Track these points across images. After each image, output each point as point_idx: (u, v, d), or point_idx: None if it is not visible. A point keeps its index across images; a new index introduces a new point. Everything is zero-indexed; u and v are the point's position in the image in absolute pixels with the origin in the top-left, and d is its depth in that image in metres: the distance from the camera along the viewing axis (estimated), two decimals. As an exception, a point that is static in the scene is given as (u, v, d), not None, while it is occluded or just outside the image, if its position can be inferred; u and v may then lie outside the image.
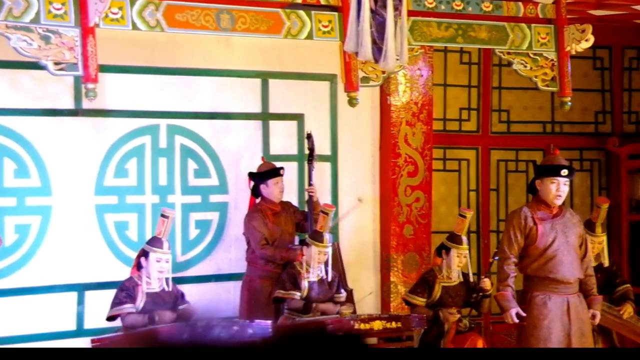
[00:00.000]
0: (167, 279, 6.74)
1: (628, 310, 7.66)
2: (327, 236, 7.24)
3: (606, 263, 7.61)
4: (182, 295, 6.86)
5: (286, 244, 7.63)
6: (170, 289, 6.74)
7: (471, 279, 7.57)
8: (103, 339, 6.42)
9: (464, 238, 7.53)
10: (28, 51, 5.97)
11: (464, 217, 7.58)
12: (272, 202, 7.69)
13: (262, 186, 7.70)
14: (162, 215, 6.88)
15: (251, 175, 7.76)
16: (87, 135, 7.56)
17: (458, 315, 7.37)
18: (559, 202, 6.90)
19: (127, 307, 6.61)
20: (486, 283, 7.43)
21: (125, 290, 6.70)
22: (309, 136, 7.82)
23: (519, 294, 6.97)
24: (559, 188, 6.85)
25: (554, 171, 6.86)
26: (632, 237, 9.78)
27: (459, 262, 7.45)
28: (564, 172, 6.85)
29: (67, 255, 7.36)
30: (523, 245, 6.87)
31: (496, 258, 7.76)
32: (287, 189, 7.96)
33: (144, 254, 6.76)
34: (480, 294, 7.44)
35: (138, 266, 6.79)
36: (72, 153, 7.48)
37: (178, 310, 6.71)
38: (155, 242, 6.79)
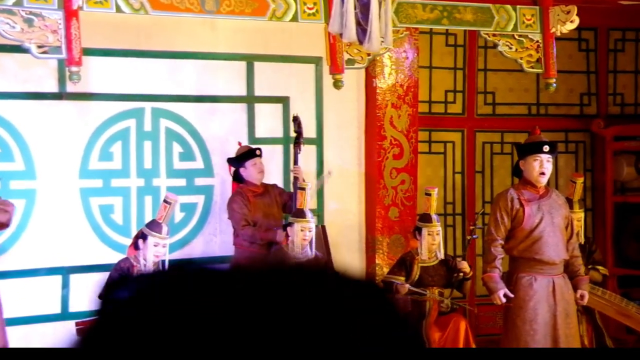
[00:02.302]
0: (163, 262, 6.73)
1: (592, 275, 7.60)
2: (308, 212, 7.25)
3: (582, 240, 7.58)
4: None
5: (270, 226, 7.63)
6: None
7: (442, 257, 7.52)
8: (88, 321, 6.41)
9: (434, 216, 7.51)
10: (11, 34, 5.94)
11: (429, 195, 7.59)
12: (253, 185, 7.70)
13: (241, 169, 7.71)
14: (165, 201, 6.87)
15: (229, 161, 7.78)
16: (72, 119, 7.53)
17: (413, 289, 7.28)
18: (544, 179, 6.92)
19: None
20: (463, 265, 7.43)
21: (119, 271, 6.70)
22: (295, 119, 7.81)
23: (505, 276, 7.00)
24: (542, 165, 6.87)
25: (536, 148, 6.89)
26: (617, 218, 9.81)
27: (432, 241, 7.43)
28: (546, 148, 6.89)
29: (52, 238, 7.34)
30: (510, 227, 6.89)
31: (475, 236, 7.79)
32: (272, 171, 7.96)
33: (142, 236, 6.76)
34: (461, 274, 7.45)
35: (135, 246, 6.78)
36: (56, 136, 7.45)
37: None
38: (154, 226, 6.78)
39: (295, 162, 7.74)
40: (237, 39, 8.04)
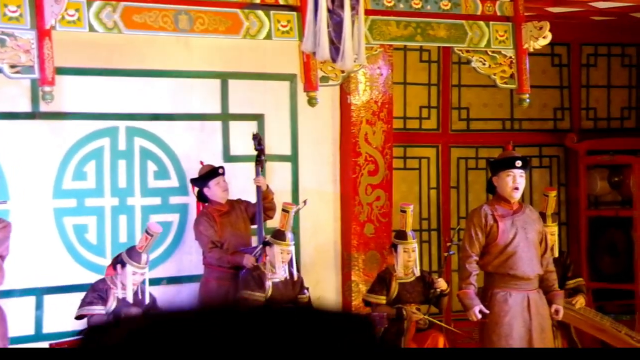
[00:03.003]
0: (142, 289, 6.67)
1: (580, 301, 7.71)
2: (289, 235, 7.23)
3: (556, 254, 7.62)
4: (154, 300, 6.82)
5: (239, 243, 7.62)
6: (141, 297, 6.69)
7: (418, 274, 7.53)
8: (62, 343, 6.37)
9: (410, 233, 7.52)
10: (-17, 54, 5.90)
11: (404, 212, 7.60)
12: (218, 204, 7.68)
13: (205, 189, 7.69)
14: (147, 232, 6.82)
15: (192, 181, 7.76)
16: (45, 139, 7.50)
17: (421, 315, 7.38)
18: (517, 195, 6.96)
19: (97, 309, 6.57)
20: (440, 283, 7.44)
21: (97, 292, 6.66)
22: (255, 136, 7.79)
23: (480, 291, 7.02)
24: (515, 180, 6.91)
25: (509, 163, 6.94)
26: (591, 232, 9.85)
27: (407, 258, 7.44)
28: (518, 163, 6.94)
29: (26, 259, 7.29)
30: (484, 243, 6.91)
31: (451, 252, 7.80)
32: (248, 190, 7.94)
33: (121, 261, 6.70)
34: (439, 290, 7.46)
35: (114, 267, 6.74)
36: (29, 156, 7.41)
37: (145, 308, 6.67)
38: (134, 254, 6.73)
39: (257, 175, 7.72)
40: (211, 57, 8.04)
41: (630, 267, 9.60)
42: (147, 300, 6.69)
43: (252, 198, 8.04)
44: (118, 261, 6.74)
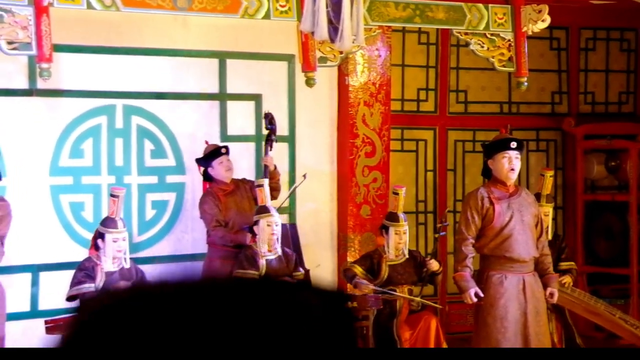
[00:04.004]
0: (125, 256, 6.70)
1: (568, 281, 7.71)
2: (270, 207, 7.24)
3: (550, 236, 7.62)
4: (143, 275, 6.83)
5: (243, 222, 7.62)
6: (129, 266, 6.72)
7: (407, 255, 7.51)
8: (57, 320, 6.38)
9: (402, 215, 7.51)
10: (-20, 30, 5.89)
11: (397, 194, 7.59)
12: (223, 183, 7.68)
13: (209, 169, 7.69)
14: (112, 195, 6.84)
15: (197, 161, 7.76)
16: (42, 116, 7.49)
17: (371, 287, 7.29)
18: (513, 176, 6.98)
19: (86, 287, 6.59)
20: (432, 264, 7.43)
21: (84, 270, 6.67)
22: (267, 115, 7.77)
23: (476, 274, 7.04)
24: (511, 162, 6.93)
25: (504, 145, 6.95)
26: (587, 216, 9.87)
27: (398, 240, 7.42)
28: (513, 144, 6.95)
29: (22, 236, 7.29)
30: (480, 226, 6.93)
31: (442, 233, 7.82)
32: (244, 169, 7.94)
33: (100, 235, 6.72)
34: (431, 271, 7.45)
35: (95, 247, 6.75)
36: (26, 133, 7.41)
37: (134, 282, 6.68)
38: (109, 222, 6.75)
39: (265, 153, 7.73)
40: (209, 36, 8.02)
41: (626, 251, 9.62)
42: (126, 265, 6.68)
43: (249, 177, 8.04)
44: (97, 237, 6.75)
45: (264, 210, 7.22)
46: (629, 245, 9.58)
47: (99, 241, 6.71)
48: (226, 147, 7.67)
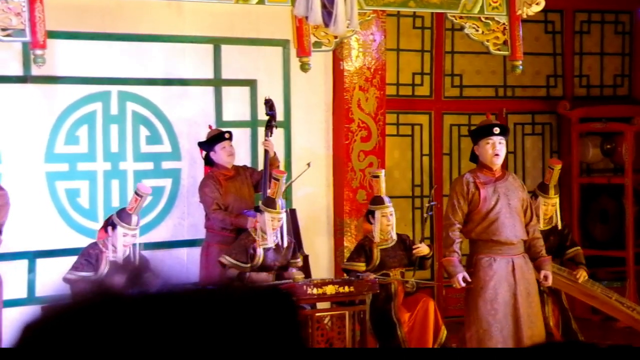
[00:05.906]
0: (133, 249, 6.69)
1: (583, 275, 7.76)
2: (280, 202, 7.22)
3: (559, 225, 7.70)
4: (147, 262, 6.83)
5: (242, 208, 7.62)
6: (133, 258, 6.71)
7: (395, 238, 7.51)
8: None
9: (386, 198, 7.51)
10: (-26, 17, 5.88)
11: (377, 177, 7.59)
12: (224, 168, 7.69)
13: (211, 153, 7.70)
14: (137, 193, 6.82)
15: (200, 145, 7.76)
16: (37, 103, 7.48)
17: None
18: (498, 161, 7.01)
19: (81, 274, 6.60)
20: (422, 248, 7.43)
21: (86, 257, 6.68)
22: (267, 101, 7.76)
23: (465, 258, 7.07)
24: (494, 147, 6.98)
25: (487, 131, 7.01)
26: (583, 200, 9.88)
27: (386, 222, 7.42)
28: (496, 130, 7.00)
29: (18, 223, 7.29)
30: (467, 211, 6.97)
31: (430, 213, 7.84)
32: (240, 155, 7.94)
33: (112, 224, 6.72)
34: (421, 255, 7.45)
35: (106, 230, 6.75)
36: (21, 120, 7.40)
37: (130, 272, 6.67)
38: (125, 216, 6.74)
39: (266, 136, 7.73)
40: (204, 22, 8.01)
41: (622, 234, 9.65)
42: (133, 259, 6.69)
43: (245, 163, 8.04)
44: (109, 223, 6.76)
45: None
46: (624, 227, 9.60)
47: (110, 229, 6.71)
48: (229, 132, 7.68)
